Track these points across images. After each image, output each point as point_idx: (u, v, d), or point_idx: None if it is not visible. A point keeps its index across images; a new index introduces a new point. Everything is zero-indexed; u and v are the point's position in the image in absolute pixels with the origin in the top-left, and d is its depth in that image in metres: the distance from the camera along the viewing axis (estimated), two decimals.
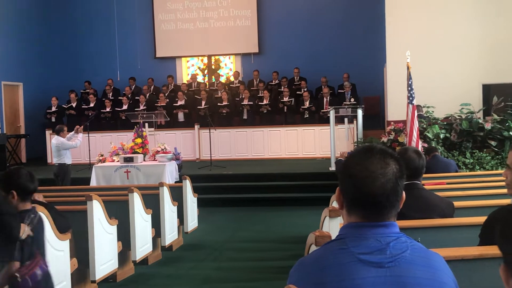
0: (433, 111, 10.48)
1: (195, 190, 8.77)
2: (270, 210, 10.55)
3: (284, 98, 15.10)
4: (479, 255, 2.57)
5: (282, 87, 15.66)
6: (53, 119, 15.81)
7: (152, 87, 16.88)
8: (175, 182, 10.28)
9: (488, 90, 12.67)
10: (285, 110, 15.16)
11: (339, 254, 1.71)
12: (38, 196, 4.91)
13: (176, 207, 7.88)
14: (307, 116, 14.93)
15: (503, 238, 1.12)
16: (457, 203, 3.89)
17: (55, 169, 10.08)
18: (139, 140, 11.10)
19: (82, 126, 10.80)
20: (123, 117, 15.23)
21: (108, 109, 15.88)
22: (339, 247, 1.73)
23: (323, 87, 15.43)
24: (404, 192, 1.80)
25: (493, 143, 9.78)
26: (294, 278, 1.80)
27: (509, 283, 1.10)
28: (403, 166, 1.80)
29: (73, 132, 10.36)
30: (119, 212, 6.48)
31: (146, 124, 13.05)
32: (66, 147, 9.98)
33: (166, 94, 16.05)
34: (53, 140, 10.24)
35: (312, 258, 1.80)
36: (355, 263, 1.68)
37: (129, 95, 16.33)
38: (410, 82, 8.74)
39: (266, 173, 12.16)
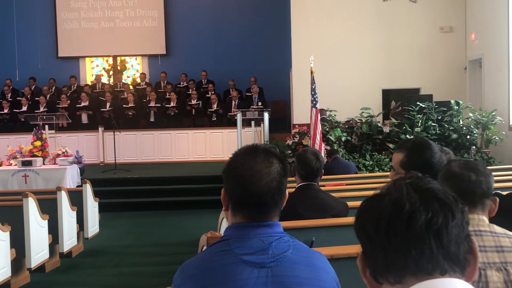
0: (335, 115, 10.78)
1: (98, 194, 8.49)
2: (176, 213, 10.42)
3: (192, 101, 15.01)
4: None
5: (190, 90, 15.54)
6: None
7: (54, 87, 16.20)
8: (77, 186, 9.92)
9: (388, 95, 13.22)
10: (193, 113, 15.05)
11: (222, 255, 1.69)
12: None
13: (75, 212, 7.59)
14: (215, 119, 14.91)
15: (358, 227, 1.16)
16: (352, 203, 3.99)
17: None
18: (38, 143, 10.62)
19: None
20: (22, 119, 14.50)
21: (6, 111, 15.08)
22: (223, 248, 1.71)
23: (231, 90, 15.46)
24: (287, 191, 1.81)
25: (391, 145, 10.19)
26: (177, 282, 1.77)
27: (366, 274, 1.13)
28: (287, 165, 1.81)
29: None
30: (13, 218, 6.18)
31: (47, 126, 12.52)
32: None
33: (68, 95, 15.45)
34: None
35: (196, 261, 1.77)
36: (238, 264, 1.66)
37: (29, 96, 15.59)
38: (313, 86, 8.94)
39: (172, 176, 12.00)
